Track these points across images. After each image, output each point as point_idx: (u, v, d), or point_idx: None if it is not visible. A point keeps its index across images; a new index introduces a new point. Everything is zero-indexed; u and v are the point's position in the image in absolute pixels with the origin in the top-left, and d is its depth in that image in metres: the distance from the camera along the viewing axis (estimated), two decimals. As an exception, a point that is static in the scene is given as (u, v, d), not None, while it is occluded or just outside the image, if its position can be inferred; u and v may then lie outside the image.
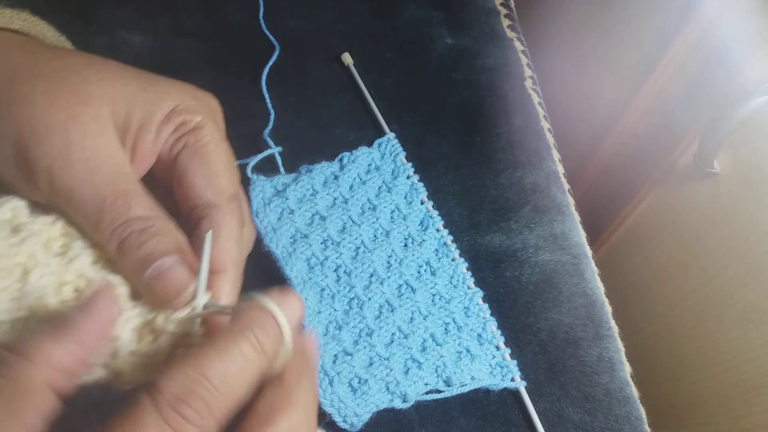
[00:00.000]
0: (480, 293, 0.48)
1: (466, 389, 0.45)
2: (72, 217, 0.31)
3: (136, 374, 0.29)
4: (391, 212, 0.51)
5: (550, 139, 0.60)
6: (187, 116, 0.33)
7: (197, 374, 0.25)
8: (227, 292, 0.32)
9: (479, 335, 0.47)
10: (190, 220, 0.33)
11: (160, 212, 0.31)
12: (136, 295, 0.31)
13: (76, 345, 0.26)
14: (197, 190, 0.33)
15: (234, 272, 0.33)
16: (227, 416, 0.26)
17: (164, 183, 0.35)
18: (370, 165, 0.52)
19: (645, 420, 0.47)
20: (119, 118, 0.32)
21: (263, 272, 0.47)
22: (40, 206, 0.32)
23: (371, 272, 0.47)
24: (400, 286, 0.47)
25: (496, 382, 0.45)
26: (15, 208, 0.31)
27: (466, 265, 0.49)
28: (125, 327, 0.29)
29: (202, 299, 0.30)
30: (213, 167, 0.33)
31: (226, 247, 0.32)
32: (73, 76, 0.32)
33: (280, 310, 0.28)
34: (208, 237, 0.31)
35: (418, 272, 0.48)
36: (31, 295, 0.28)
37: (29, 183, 0.30)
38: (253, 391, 0.27)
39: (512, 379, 0.46)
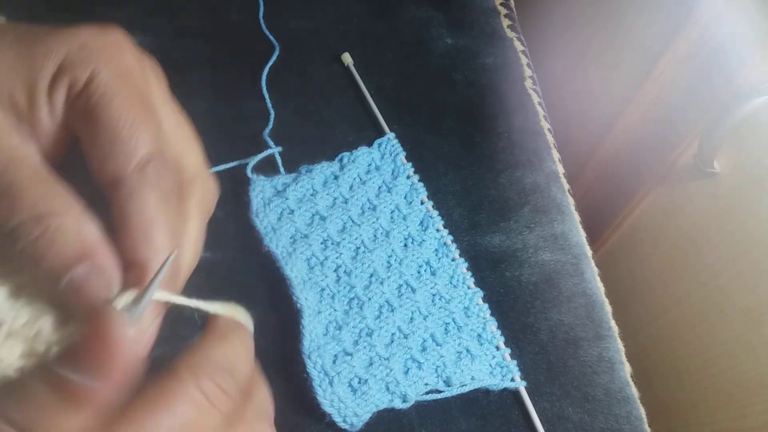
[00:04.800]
0: (480, 293, 0.48)
1: (466, 389, 0.45)
2: None
3: None
4: (391, 212, 0.50)
5: (550, 139, 0.60)
6: (74, 73, 0.26)
7: (219, 356, 0.26)
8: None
9: (479, 335, 0.47)
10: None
11: (59, 202, 0.25)
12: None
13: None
14: (95, 165, 0.26)
15: (158, 261, 0.26)
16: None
17: None
18: (370, 165, 0.52)
19: (645, 420, 0.47)
20: (4, 97, 0.26)
21: (263, 272, 0.47)
22: None
23: (371, 272, 0.47)
24: (400, 286, 0.47)
25: (496, 382, 0.45)
26: None
27: (466, 265, 0.49)
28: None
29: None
30: (109, 130, 0.26)
31: (143, 234, 0.25)
32: None
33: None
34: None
35: (418, 272, 0.48)
36: None
37: None
38: None
39: (512, 379, 0.46)
